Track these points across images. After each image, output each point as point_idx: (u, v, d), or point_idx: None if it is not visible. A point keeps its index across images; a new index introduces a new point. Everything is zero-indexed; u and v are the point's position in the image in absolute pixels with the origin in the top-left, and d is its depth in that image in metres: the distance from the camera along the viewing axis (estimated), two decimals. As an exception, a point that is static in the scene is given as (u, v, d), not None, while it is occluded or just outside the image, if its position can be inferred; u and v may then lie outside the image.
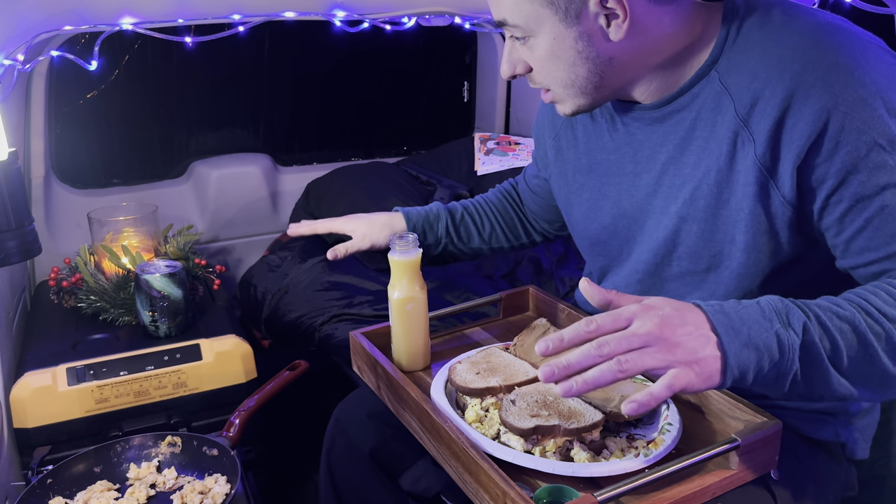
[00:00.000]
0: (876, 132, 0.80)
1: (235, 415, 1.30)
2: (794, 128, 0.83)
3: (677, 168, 0.94)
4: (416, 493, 1.20)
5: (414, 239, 1.06)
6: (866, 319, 0.78)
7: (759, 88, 0.85)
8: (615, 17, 0.86)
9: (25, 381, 1.41)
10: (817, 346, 0.75)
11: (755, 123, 0.86)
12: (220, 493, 1.12)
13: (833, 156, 0.82)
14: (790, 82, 0.82)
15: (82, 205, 2.10)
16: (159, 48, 2.26)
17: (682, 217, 0.94)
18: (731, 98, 0.88)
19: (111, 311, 1.66)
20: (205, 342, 1.55)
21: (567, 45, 0.88)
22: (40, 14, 1.57)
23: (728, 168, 0.89)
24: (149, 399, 1.48)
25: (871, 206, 0.82)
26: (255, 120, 2.55)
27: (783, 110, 0.83)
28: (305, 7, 1.84)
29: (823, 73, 0.81)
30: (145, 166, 2.41)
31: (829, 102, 0.80)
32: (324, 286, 1.99)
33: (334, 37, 2.12)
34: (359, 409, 1.21)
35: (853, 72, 0.81)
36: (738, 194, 0.89)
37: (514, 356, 1.04)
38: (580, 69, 0.90)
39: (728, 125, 0.88)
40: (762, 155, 0.86)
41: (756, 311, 0.75)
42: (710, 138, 0.90)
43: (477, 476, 0.83)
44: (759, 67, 0.85)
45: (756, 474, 0.85)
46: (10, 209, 1.14)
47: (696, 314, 0.74)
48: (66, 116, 2.21)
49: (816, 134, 0.82)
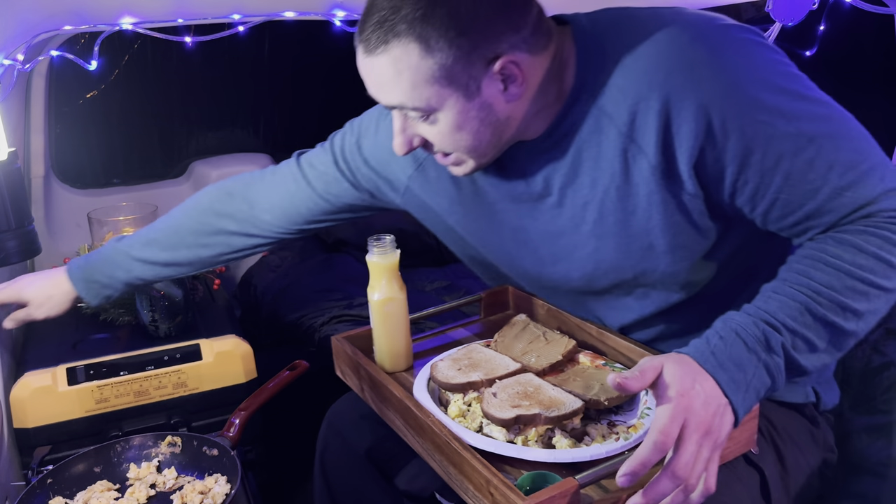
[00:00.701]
0: (755, 111, 0.82)
1: (235, 415, 1.30)
2: (679, 132, 0.85)
3: (574, 190, 0.95)
4: (412, 493, 1.20)
5: (391, 240, 1.07)
6: (821, 302, 0.81)
7: (633, 104, 0.87)
8: (513, 80, 0.87)
9: (25, 381, 1.41)
10: (794, 356, 0.80)
11: (640, 137, 0.87)
12: (220, 493, 1.12)
13: (725, 146, 0.84)
14: (660, 91, 0.84)
15: (82, 204, 2.10)
16: (159, 48, 2.26)
17: (596, 236, 0.96)
18: (610, 117, 0.89)
19: (111, 311, 1.66)
20: (205, 342, 1.54)
21: (470, 116, 0.88)
22: (40, 14, 1.57)
23: (625, 183, 0.90)
24: (149, 399, 1.48)
25: (775, 177, 0.84)
26: (254, 120, 2.55)
27: (664, 119, 0.85)
28: (305, 7, 1.84)
29: (688, 72, 0.83)
30: (145, 166, 2.41)
31: (704, 99, 0.83)
32: (324, 287, 1.99)
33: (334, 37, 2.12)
34: (352, 409, 1.21)
35: (713, 63, 0.83)
36: (642, 204, 0.90)
37: (495, 352, 1.05)
38: (483, 135, 0.91)
39: (614, 143, 0.90)
40: (657, 165, 0.87)
41: (742, 348, 0.79)
42: (599, 158, 0.92)
43: (461, 467, 0.84)
44: (626, 83, 0.87)
45: (736, 454, 0.88)
46: (10, 209, 1.14)
47: (705, 380, 0.77)
48: (65, 116, 2.21)
49: (702, 132, 0.84)
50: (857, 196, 0.83)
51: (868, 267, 0.81)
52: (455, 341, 1.18)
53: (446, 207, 1.09)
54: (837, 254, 0.82)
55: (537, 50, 0.88)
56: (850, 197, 0.83)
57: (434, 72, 0.84)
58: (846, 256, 0.82)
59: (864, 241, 0.82)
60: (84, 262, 1.28)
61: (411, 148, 0.94)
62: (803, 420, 1.03)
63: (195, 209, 1.26)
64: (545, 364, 1.01)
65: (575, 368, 1.02)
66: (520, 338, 1.09)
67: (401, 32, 0.82)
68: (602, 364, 1.01)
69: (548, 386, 0.93)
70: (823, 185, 0.83)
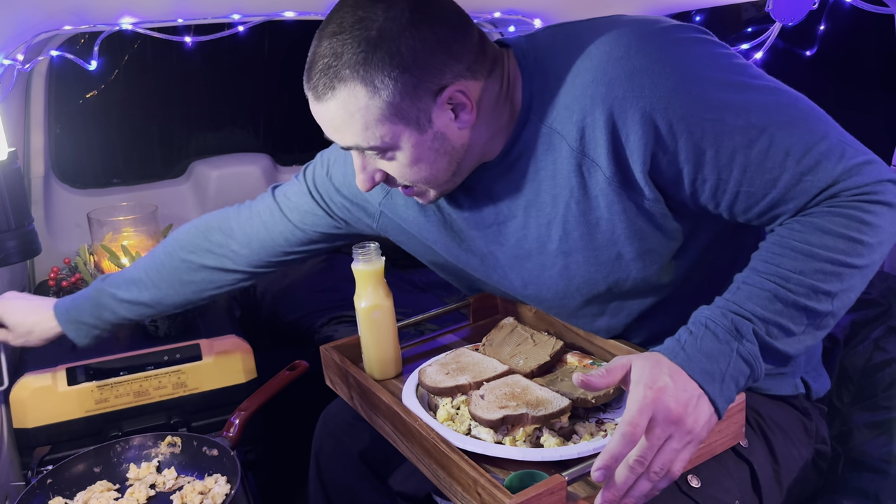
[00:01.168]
0: (700, 109, 0.82)
1: (235, 415, 1.30)
2: (628, 142, 0.85)
3: (537, 209, 0.96)
4: (407, 493, 1.20)
5: (375, 248, 1.07)
6: (790, 287, 0.81)
7: (579, 120, 0.87)
8: (462, 107, 0.88)
9: (25, 382, 1.41)
10: (771, 342, 0.81)
11: (592, 151, 0.88)
12: (220, 493, 1.12)
13: (676, 149, 0.84)
14: (603, 104, 0.85)
15: (82, 205, 2.10)
16: (159, 48, 2.26)
17: (564, 253, 0.96)
18: (561, 135, 0.90)
19: (111, 311, 1.66)
20: (205, 342, 1.54)
21: (425, 147, 0.89)
22: (40, 14, 1.57)
23: (584, 197, 0.91)
24: (148, 399, 1.48)
25: (733, 172, 0.84)
26: (254, 119, 2.55)
27: (610, 131, 0.85)
28: (305, 7, 1.84)
29: (627, 82, 0.83)
30: (145, 166, 2.41)
31: (647, 106, 0.83)
32: (324, 287, 1.99)
33: (334, 36, 2.12)
34: (345, 411, 1.21)
35: (652, 68, 0.83)
36: (605, 215, 0.91)
37: (483, 355, 1.06)
38: (440, 164, 0.91)
39: (567, 160, 0.90)
40: (612, 176, 0.88)
41: (712, 339, 0.80)
42: (556, 175, 0.92)
43: (449, 469, 0.84)
44: (570, 101, 0.88)
45: (724, 447, 0.89)
46: (9, 209, 1.14)
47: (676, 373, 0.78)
48: (65, 116, 2.21)
49: (651, 138, 0.84)
50: (818, 179, 0.83)
51: (836, 247, 0.81)
52: (444, 346, 1.18)
53: (417, 231, 1.10)
54: (804, 237, 0.82)
55: (482, 75, 0.89)
56: (811, 181, 0.83)
57: (383, 110, 0.85)
58: (812, 239, 0.82)
59: (830, 221, 0.82)
60: (71, 303, 1.28)
61: (374, 184, 0.95)
62: (794, 412, 1.04)
63: (174, 246, 1.26)
64: (533, 365, 1.02)
65: (563, 368, 1.03)
66: (508, 341, 1.09)
67: (345, 77, 0.84)
68: (590, 363, 1.02)
69: (535, 386, 0.94)
70: (782, 172, 0.83)
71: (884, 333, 1.24)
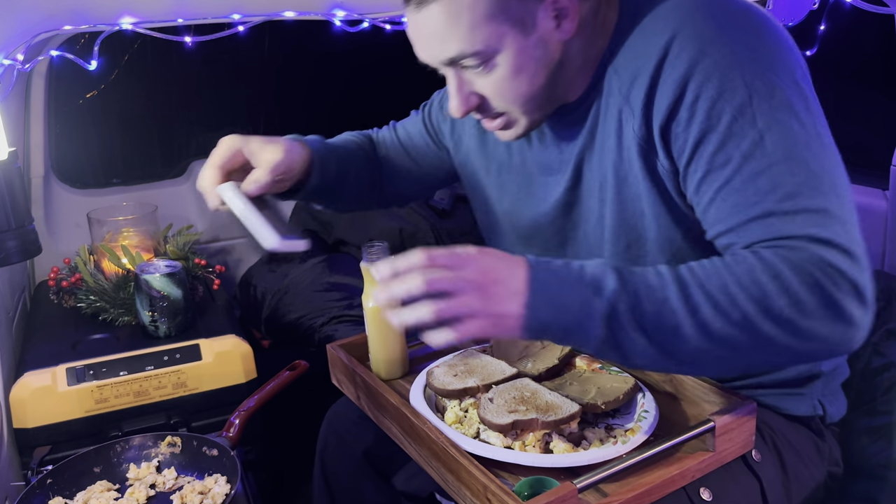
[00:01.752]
0: (729, 102, 0.80)
1: (235, 415, 1.30)
2: (658, 98, 0.84)
3: (590, 156, 0.96)
4: (410, 493, 1.20)
5: (385, 247, 1.06)
6: (686, 288, 0.74)
7: (637, 65, 0.87)
8: (564, 14, 0.87)
9: (25, 382, 1.41)
10: (621, 316, 0.74)
11: (633, 98, 0.87)
12: (220, 493, 1.12)
13: (689, 124, 0.83)
14: (659, 53, 0.84)
15: (82, 204, 2.10)
16: (159, 48, 2.26)
17: (601, 201, 0.96)
18: (619, 78, 0.90)
19: (111, 311, 1.66)
20: (204, 342, 1.54)
21: (528, 55, 0.88)
22: (40, 14, 1.57)
23: (618, 146, 0.91)
24: (148, 399, 1.48)
25: (720, 176, 0.81)
26: (254, 119, 2.55)
27: (652, 81, 0.85)
28: (305, 7, 1.84)
29: (688, 41, 0.82)
30: (145, 166, 2.41)
31: (688, 71, 0.82)
32: (324, 287, 1.99)
33: (334, 36, 2.12)
34: (350, 410, 1.21)
35: (716, 40, 0.81)
36: (634, 169, 0.90)
37: (492, 357, 1.05)
38: (539, 78, 0.90)
39: (616, 105, 0.90)
40: (639, 128, 0.87)
41: (577, 273, 0.76)
42: (605, 121, 0.92)
43: (458, 474, 0.83)
44: (638, 43, 0.87)
45: (734, 455, 0.87)
46: (9, 209, 1.14)
47: (518, 269, 0.76)
48: (65, 116, 2.21)
49: (674, 102, 0.83)
50: (787, 225, 0.76)
51: (762, 292, 0.72)
52: (451, 347, 1.17)
53: (493, 171, 1.12)
54: (741, 267, 0.75)
55: None
56: (774, 224, 0.77)
57: (490, 7, 0.83)
58: (743, 269, 0.74)
59: (783, 269, 0.73)
60: (319, 142, 1.20)
61: (468, 108, 0.92)
62: (809, 433, 1.01)
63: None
64: (541, 368, 1.01)
65: (571, 372, 1.02)
66: (516, 343, 1.09)
67: None
68: (598, 368, 1.01)
69: (544, 390, 0.93)
70: (757, 203, 0.78)
71: (882, 337, 1.23)
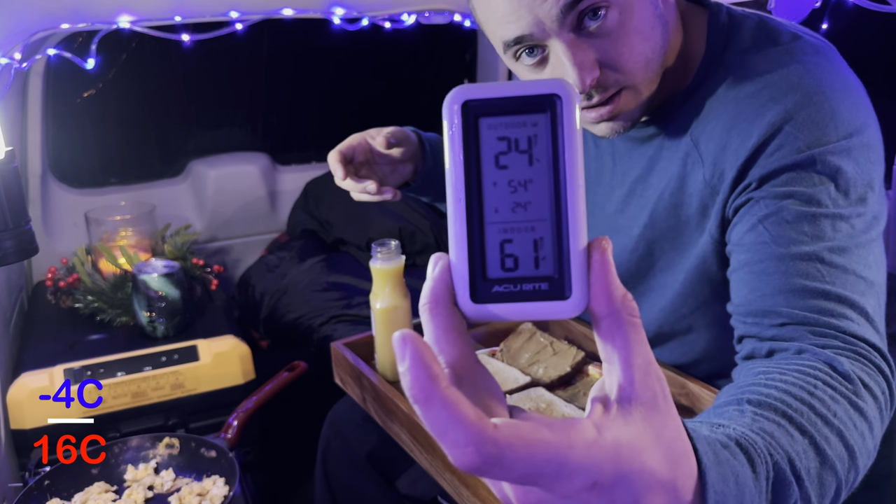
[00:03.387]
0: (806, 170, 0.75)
1: (233, 416, 1.30)
2: (737, 147, 0.79)
3: (643, 187, 0.92)
4: (413, 497, 1.19)
5: (396, 246, 1.04)
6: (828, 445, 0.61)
7: (729, 133, 0.80)
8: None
9: (22, 382, 1.40)
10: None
11: (703, 144, 0.83)
12: (219, 494, 1.11)
13: (757, 205, 0.77)
14: (765, 131, 0.77)
15: (79, 204, 2.09)
16: (157, 46, 2.24)
17: (647, 241, 0.92)
18: (692, 118, 0.85)
19: (108, 312, 1.65)
20: (202, 343, 1.54)
21: (647, 4, 0.77)
22: (37, 12, 1.57)
23: (679, 190, 0.86)
24: (146, 400, 1.47)
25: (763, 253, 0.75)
26: (253, 119, 2.54)
27: (728, 129, 0.80)
28: (304, 4, 1.83)
29: (802, 132, 0.76)
30: (143, 165, 2.40)
31: (793, 161, 0.75)
32: (322, 287, 1.98)
33: (333, 35, 2.11)
34: (353, 411, 1.20)
35: (807, 104, 0.76)
36: (691, 217, 0.86)
37: (502, 362, 1.03)
38: (655, 38, 0.79)
39: (683, 146, 0.86)
40: (710, 178, 0.83)
41: (749, 475, 0.50)
42: (671, 158, 0.88)
43: (475, 490, 0.81)
44: (731, 109, 0.81)
45: None
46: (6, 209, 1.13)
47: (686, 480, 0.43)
48: (63, 115, 2.19)
49: (763, 179, 0.77)
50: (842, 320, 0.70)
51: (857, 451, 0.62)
52: None
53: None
54: (844, 420, 0.63)
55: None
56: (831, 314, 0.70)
57: None
58: (848, 423, 0.63)
59: (866, 410, 0.65)
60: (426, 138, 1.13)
61: (594, 76, 0.77)
62: None
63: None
64: (553, 376, 0.99)
65: (584, 381, 1.00)
66: (526, 347, 1.07)
67: None
68: None
69: (560, 402, 0.91)
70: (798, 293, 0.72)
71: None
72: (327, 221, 2.30)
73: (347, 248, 2.24)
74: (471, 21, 2.22)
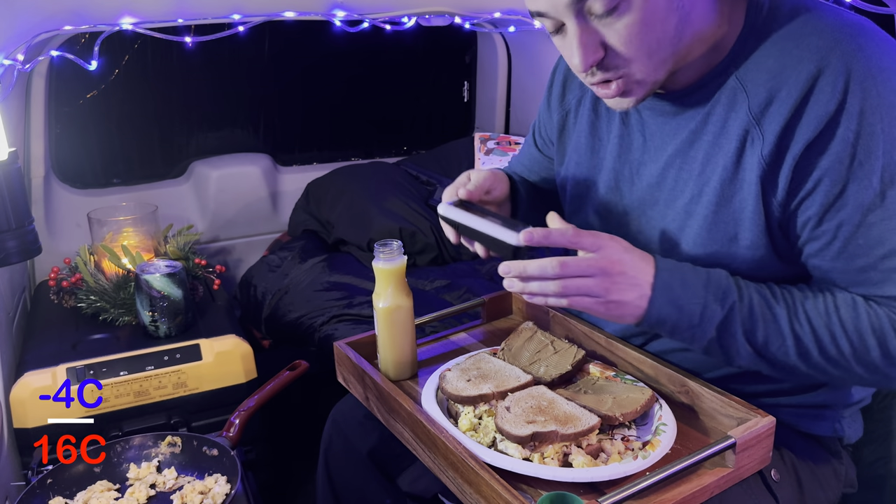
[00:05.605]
0: (863, 148, 0.80)
1: (235, 415, 1.30)
2: (799, 131, 0.82)
3: (683, 162, 0.93)
4: (415, 494, 1.20)
5: (398, 246, 1.04)
6: (788, 320, 0.85)
7: (775, 87, 0.84)
8: None
9: (25, 381, 1.41)
10: (734, 330, 0.85)
11: (767, 122, 0.85)
12: (220, 493, 1.12)
13: (818, 161, 0.82)
14: (805, 83, 0.81)
15: (82, 205, 2.10)
16: (159, 48, 2.26)
17: (687, 213, 0.93)
18: (747, 95, 0.87)
19: (111, 311, 1.66)
20: (205, 342, 1.55)
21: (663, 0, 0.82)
22: (40, 14, 1.57)
23: (735, 166, 0.88)
24: (149, 399, 1.48)
25: (833, 217, 0.84)
26: (254, 120, 2.55)
27: (796, 112, 0.82)
28: (305, 7, 1.84)
29: (837, 78, 0.80)
30: (145, 166, 2.41)
31: (835, 111, 0.80)
32: (324, 286, 1.99)
33: (334, 37, 2.12)
34: (356, 409, 1.21)
35: (865, 80, 0.79)
36: (742, 192, 0.88)
37: (504, 361, 1.04)
38: (668, 28, 0.83)
39: (740, 122, 0.87)
40: (768, 154, 0.84)
41: (702, 279, 0.86)
42: (720, 134, 0.89)
43: (478, 487, 0.82)
44: (777, 66, 0.84)
45: (752, 471, 0.86)
46: (10, 209, 1.14)
47: (645, 264, 0.86)
48: (65, 116, 2.21)
49: (814, 139, 0.81)
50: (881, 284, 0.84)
51: (862, 343, 0.83)
52: (459, 348, 1.17)
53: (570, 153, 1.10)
54: (847, 312, 0.84)
55: None
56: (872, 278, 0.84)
57: None
58: (848, 315, 0.84)
59: (883, 324, 0.83)
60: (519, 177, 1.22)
61: (594, 60, 0.85)
62: (827, 454, 1.01)
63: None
64: (554, 374, 0.99)
65: (585, 379, 1.00)
66: (527, 346, 1.07)
67: None
68: (612, 376, 0.99)
69: (561, 400, 0.91)
70: (861, 255, 0.83)
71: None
72: (328, 222, 2.31)
73: (348, 248, 2.25)
74: (470, 23, 2.23)
